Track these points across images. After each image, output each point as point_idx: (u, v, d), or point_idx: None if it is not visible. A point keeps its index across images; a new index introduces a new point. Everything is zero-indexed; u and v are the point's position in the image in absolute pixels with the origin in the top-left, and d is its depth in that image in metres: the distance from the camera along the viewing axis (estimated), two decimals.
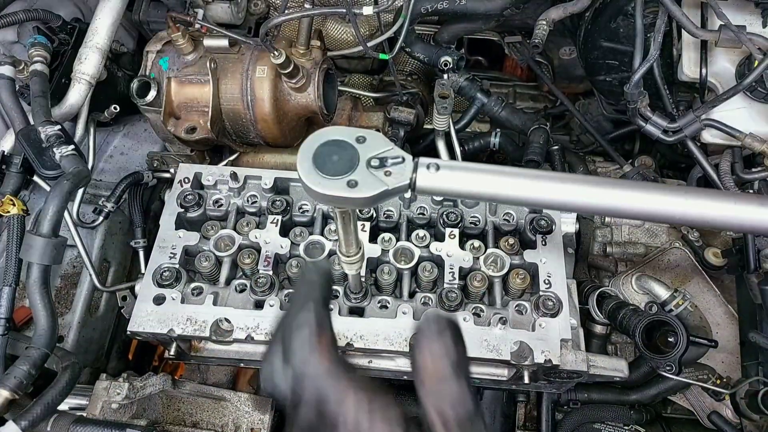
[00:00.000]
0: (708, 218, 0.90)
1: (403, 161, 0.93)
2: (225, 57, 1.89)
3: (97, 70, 1.79)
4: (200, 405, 1.76)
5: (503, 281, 1.65)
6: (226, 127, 1.96)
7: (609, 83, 2.13)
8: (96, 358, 2.03)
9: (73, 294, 1.97)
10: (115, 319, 2.12)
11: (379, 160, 0.93)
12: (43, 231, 1.38)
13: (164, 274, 1.60)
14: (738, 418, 1.80)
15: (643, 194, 0.92)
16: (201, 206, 1.73)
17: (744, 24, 1.61)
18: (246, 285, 1.61)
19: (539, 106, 2.76)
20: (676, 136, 1.65)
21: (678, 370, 1.65)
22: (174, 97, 1.88)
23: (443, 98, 1.98)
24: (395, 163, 0.93)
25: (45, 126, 1.55)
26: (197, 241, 1.67)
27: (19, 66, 1.66)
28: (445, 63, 2.12)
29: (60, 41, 1.83)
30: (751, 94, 1.61)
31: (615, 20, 1.91)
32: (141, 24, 2.17)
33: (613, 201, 0.90)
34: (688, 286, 1.99)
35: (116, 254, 2.09)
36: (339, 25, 2.36)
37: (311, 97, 1.91)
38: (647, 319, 1.67)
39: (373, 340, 1.51)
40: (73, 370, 1.42)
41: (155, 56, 1.92)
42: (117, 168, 2.18)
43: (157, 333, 1.52)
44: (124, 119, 2.21)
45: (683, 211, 0.89)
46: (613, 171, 2.29)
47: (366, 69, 2.65)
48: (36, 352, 1.33)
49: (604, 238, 2.16)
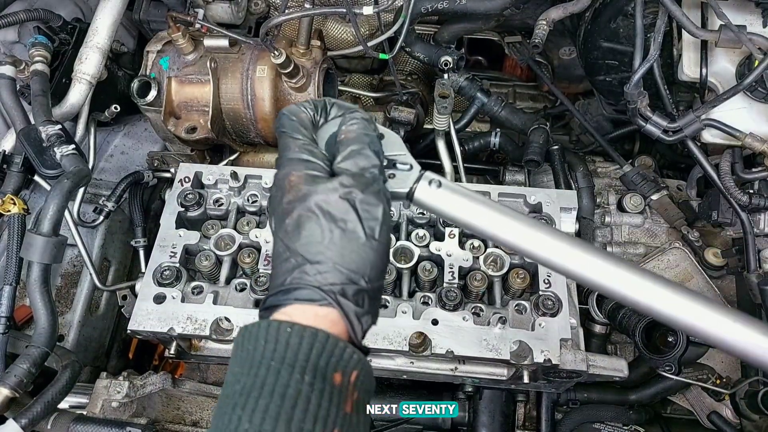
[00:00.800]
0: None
1: (411, 169, 0.93)
2: (225, 57, 1.89)
3: (97, 70, 1.79)
4: (200, 404, 1.76)
5: (503, 281, 1.65)
6: (227, 126, 1.97)
7: (609, 83, 2.13)
8: (96, 357, 2.03)
9: (73, 293, 1.98)
10: (116, 318, 2.13)
11: (388, 162, 0.93)
12: (44, 230, 1.39)
13: (165, 273, 1.60)
14: (738, 418, 1.80)
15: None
16: (201, 205, 1.73)
17: (744, 24, 1.61)
18: (246, 284, 1.61)
19: (539, 106, 2.77)
20: (676, 136, 1.65)
21: (677, 371, 1.65)
22: (174, 96, 1.88)
23: (443, 98, 1.98)
24: (402, 169, 0.93)
25: (46, 125, 1.56)
26: (197, 240, 1.67)
27: (19, 66, 1.67)
28: (445, 63, 2.12)
29: (60, 41, 1.83)
30: (752, 94, 1.61)
31: (615, 20, 1.91)
32: (141, 23, 2.18)
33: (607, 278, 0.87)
34: (688, 286, 1.99)
35: (116, 253, 2.10)
36: (339, 24, 2.36)
37: (311, 97, 1.91)
38: (647, 319, 1.67)
39: (372, 340, 1.51)
40: (73, 368, 1.42)
41: (156, 56, 1.92)
42: (117, 167, 2.18)
43: (157, 332, 1.52)
44: (125, 119, 2.21)
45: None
46: (612, 171, 2.29)
47: (366, 68, 2.65)
48: (36, 351, 1.33)
49: (604, 238, 2.16)
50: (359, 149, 0.84)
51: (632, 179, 2.16)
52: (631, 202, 2.13)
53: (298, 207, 0.79)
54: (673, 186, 2.24)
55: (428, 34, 2.37)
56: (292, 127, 0.87)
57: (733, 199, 1.65)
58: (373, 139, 0.87)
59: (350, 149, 0.84)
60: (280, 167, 0.85)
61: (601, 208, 2.19)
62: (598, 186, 2.22)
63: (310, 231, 0.78)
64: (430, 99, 2.50)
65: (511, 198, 1.75)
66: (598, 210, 2.18)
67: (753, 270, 1.70)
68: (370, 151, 0.85)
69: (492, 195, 1.73)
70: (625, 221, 2.15)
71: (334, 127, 0.91)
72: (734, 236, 1.91)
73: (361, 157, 0.84)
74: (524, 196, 1.73)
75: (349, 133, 0.87)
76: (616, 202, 2.19)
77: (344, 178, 0.81)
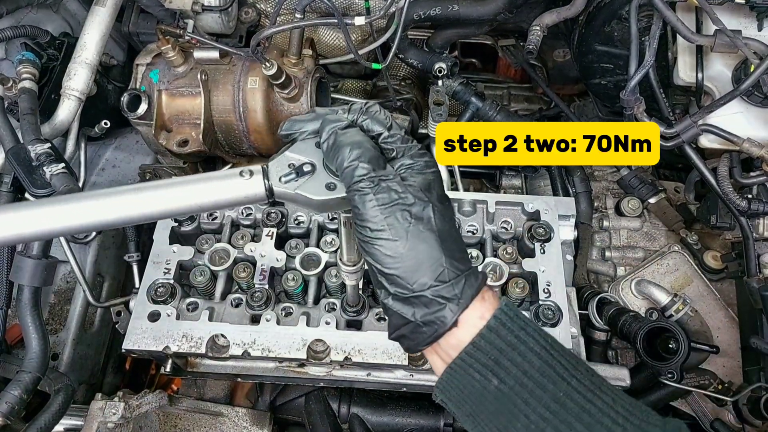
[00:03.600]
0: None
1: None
2: (216, 68, 1.87)
3: (86, 86, 1.77)
4: (197, 421, 1.74)
5: (502, 291, 1.63)
6: (219, 138, 1.94)
7: (604, 86, 2.11)
8: (92, 374, 2.01)
9: (67, 310, 1.95)
10: (110, 334, 2.10)
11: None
12: (33, 252, 1.36)
13: (159, 290, 1.58)
14: (740, 424, 1.79)
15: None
16: (195, 220, 1.71)
17: (739, 28, 1.60)
18: (242, 299, 1.59)
19: (534, 107, 2.74)
20: (674, 141, 1.63)
21: (679, 378, 1.64)
22: (165, 109, 1.86)
23: (438, 105, 1.96)
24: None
25: (35, 144, 1.53)
26: (192, 256, 1.65)
27: (7, 84, 1.64)
28: (439, 69, 2.10)
29: (49, 57, 1.81)
30: (748, 98, 1.60)
31: (609, 24, 1.89)
32: (131, 35, 2.15)
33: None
34: (688, 290, 1.98)
35: (110, 268, 2.07)
36: (331, 31, 2.34)
37: (304, 107, 1.89)
38: (647, 326, 1.65)
39: (371, 354, 1.49)
40: (66, 392, 1.40)
41: (145, 69, 1.89)
42: (109, 181, 2.15)
43: (152, 351, 1.50)
44: (116, 132, 2.19)
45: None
46: (609, 174, 2.28)
47: (359, 74, 2.63)
48: (27, 377, 1.31)
49: (603, 242, 2.14)
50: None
51: (629, 182, 2.14)
52: (629, 206, 2.12)
53: None
54: (671, 188, 2.23)
55: (421, 39, 2.35)
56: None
57: (732, 204, 1.64)
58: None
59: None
60: None
61: (598, 212, 2.18)
62: (596, 190, 2.21)
63: None
64: (424, 103, 2.47)
65: (509, 206, 1.73)
66: (596, 214, 2.17)
67: (753, 275, 1.68)
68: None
69: (489, 203, 1.71)
70: (623, 225, 2.14)
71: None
72: (733, 240, 1.90)
73: None
74: (522, 204, 1.72)
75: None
76: (613, 206, 2.18)
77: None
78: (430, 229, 0.85)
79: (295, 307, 1.58)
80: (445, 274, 0.84)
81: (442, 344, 0.87)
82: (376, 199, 0.85)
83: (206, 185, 0.95)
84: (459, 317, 0.84)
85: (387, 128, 0.94)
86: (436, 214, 0.86)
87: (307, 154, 0.98)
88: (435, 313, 0.84)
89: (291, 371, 1.60)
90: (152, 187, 0.94)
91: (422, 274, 0.83)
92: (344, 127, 0.93)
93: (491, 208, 1.70)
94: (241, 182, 0.95)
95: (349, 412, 1.88)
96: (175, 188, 0.94)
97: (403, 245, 0.83)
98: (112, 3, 1.83)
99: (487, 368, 0.83)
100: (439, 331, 0.84)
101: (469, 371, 0.84)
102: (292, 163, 0.97)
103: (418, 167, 0.91)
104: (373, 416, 1.89)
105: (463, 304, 0.84)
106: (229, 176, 0.95)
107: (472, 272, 0.87)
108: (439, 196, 0.90)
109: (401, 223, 0.84)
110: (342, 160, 0.88)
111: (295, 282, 1.60)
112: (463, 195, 1.74)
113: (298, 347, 1.48)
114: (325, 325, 1.52)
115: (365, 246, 0.87)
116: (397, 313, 0.87)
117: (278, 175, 0.96)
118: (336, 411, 1.89)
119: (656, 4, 1.53)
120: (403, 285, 0.84)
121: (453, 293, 0.83)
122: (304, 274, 1.61)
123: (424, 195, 0.87)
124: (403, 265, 0.83)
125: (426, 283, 0.83)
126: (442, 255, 0.84)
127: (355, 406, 1.89)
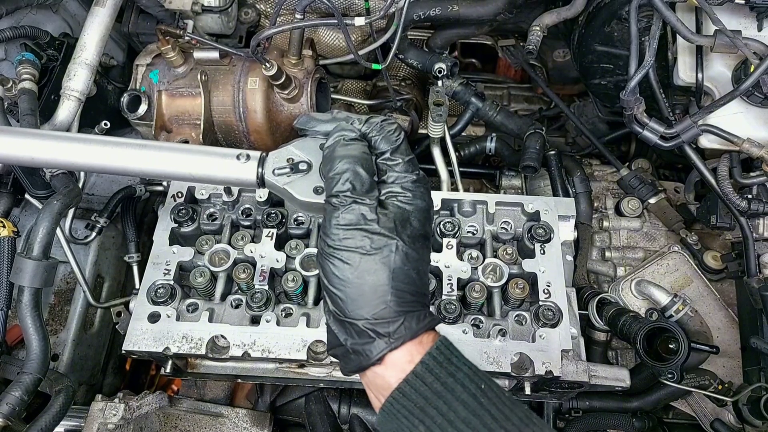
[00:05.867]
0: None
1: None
2: (216, 69, 1.87)
3: (86, 86, 1.76)
4: (198, 422, 1.74)
5: (502, 291, 1.63)
6: (219, 139, 1.94)
7: (604, 87, 2.11)
8: (92, 375, 2.01)
9: (67, 311, 1.95)
10: (111, 335, 2.10)
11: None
12: (34, 254, 1.36)
13: (159, 291, 1.58)
14: (740, 424, 1.79)
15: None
16: (195, 220, 1.71)
17: (739, 28, 1.60)
18: (242, 300, 1.59)
19: (534, 107, 2.75)
20: (674, 142, 1.63)
21: (680, 378, 1.64)
22: (165, 110, 1.86)
23: (438, 106, 1.96)
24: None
25: None
26: (192, 257, 1.65)
27: (7, 84, 1.64)
28: (439, 70, 2.10)
29: (48, 57, 1.80)
30: (748, 98, 1.60)
31: (609, 24, 1.89)
32: (130, 36, 2.15)
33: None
34: (688, 290, 1.98)
35: (110, 269, 2.07)
36: (331, 31, 2.35)
37: (304, 108, 1.89)
38: (647, 327, 1.65)
39: None
40: (67, 393, 1.40)
41: (145, 69, 1.89)
42: (109, 182, 2.15)
43: (152, 352, 1.50)
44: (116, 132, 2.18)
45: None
46: (609, 174, 2.28)
47: (359, 74, 2.63)
48: (28, 378, 1.31)
49: (603, 242, 2.14)
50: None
51: (629, 183, 2.14)
52: (629, 206, 2.12)
53: None
54: (671, 188, 2.23)
55: (421, 39, 2.35)
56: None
57: (732, 204, 1.64)
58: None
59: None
60: None
61: (598, 212, 2.18)
62: (596, 190, 2.21)
63: None
64: (424, 104, 2.48)
65: (509, 206, 1.73)
66: (596, 214, 2.17)
67: (753, 275, 1.68)
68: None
69: (489, 203, 1.71)
70: (623, 225, 2.13)
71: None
72: (733, 240, 1.90)
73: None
74: (522, 205, 1.72)
75: None
76: (613, 206, 2.18)
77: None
78: (386, 264, 0.84)
79: (295, 308, 1.58)
80: (384, 311, 0.83)
81: (373, 385, 0.87)
82: (342, 217, 0.84)
83: (204, 158, 0.98)
84: (387, 356, 0.83)
85: (392, 151, 0.93)
86: (397, 251, 0.85)
87: (309, 152, 0.99)
88: (363, 345, 0.83)
89: (291, 372, 1.60)
90: (155, 147, 0.98)
91: (362, 305, 0.83)
92: (351, 138, 0.92)
93: (491, 209, 1.70)
94: (236, 164, 0.97)
95: (349, 413, 1.89)
96: (176, 153, 0.97)
97: (352, 272, 0.83)
98: (111, 3, 1.83)
99: (413, 415, 0.81)
100: (364, 364, 0.84)
101: (397, 416, 0.83)
102: (291, 158, 0.97)
103: (402, 198, 0.89)
104: (373, 416, 1.89)
105: (392, 344, 0.83)
106: (227, 155, 0.98)
107: (417, 315, 0.85)
108: (413, 234, 0.88)
109: (357, 249, 0.83)
110: (330, 170, 0.88)
111: (295, 283, 1.59)
112: (463, 195, 1.74)
113: (298, 348, 1.48)
114: (325, 326, 1.52)
115: (319, 258, 0.87)
116: (332, 332, 0.87)
117: (273, 166, 0.97)
118: (336, 411, 1.90)
119: (656, 5, 1.52)
120: (341, 308, 0.84)
121: (386, 330, 0.83)
122: (304, 275, 1.61)
123: (394, 228, 0.85)
124: (346, 290, 0.83)
125: (362, 315, 0.83)
126: (389, 293, 0.83)
127: (355, 407, 1.90)
